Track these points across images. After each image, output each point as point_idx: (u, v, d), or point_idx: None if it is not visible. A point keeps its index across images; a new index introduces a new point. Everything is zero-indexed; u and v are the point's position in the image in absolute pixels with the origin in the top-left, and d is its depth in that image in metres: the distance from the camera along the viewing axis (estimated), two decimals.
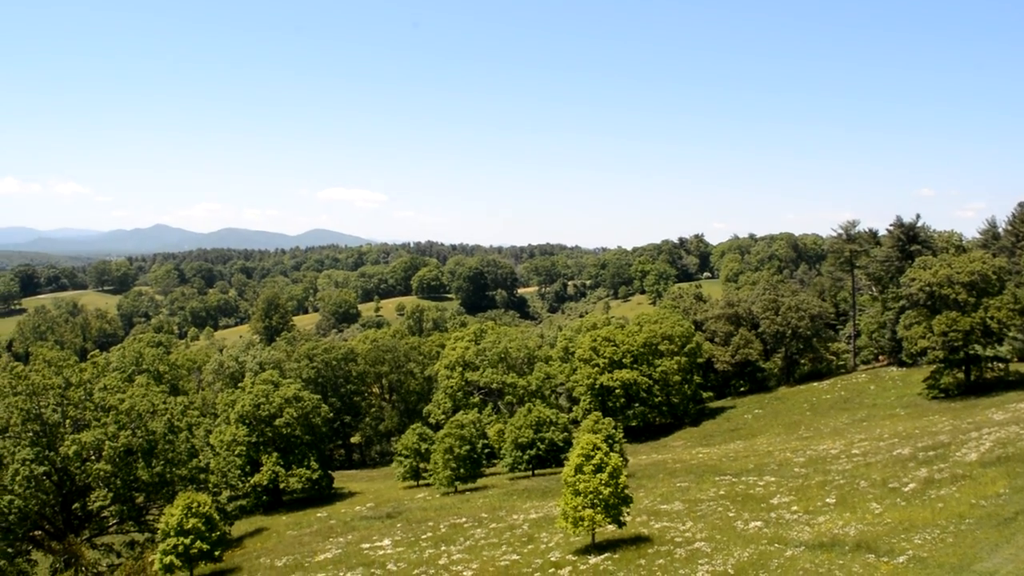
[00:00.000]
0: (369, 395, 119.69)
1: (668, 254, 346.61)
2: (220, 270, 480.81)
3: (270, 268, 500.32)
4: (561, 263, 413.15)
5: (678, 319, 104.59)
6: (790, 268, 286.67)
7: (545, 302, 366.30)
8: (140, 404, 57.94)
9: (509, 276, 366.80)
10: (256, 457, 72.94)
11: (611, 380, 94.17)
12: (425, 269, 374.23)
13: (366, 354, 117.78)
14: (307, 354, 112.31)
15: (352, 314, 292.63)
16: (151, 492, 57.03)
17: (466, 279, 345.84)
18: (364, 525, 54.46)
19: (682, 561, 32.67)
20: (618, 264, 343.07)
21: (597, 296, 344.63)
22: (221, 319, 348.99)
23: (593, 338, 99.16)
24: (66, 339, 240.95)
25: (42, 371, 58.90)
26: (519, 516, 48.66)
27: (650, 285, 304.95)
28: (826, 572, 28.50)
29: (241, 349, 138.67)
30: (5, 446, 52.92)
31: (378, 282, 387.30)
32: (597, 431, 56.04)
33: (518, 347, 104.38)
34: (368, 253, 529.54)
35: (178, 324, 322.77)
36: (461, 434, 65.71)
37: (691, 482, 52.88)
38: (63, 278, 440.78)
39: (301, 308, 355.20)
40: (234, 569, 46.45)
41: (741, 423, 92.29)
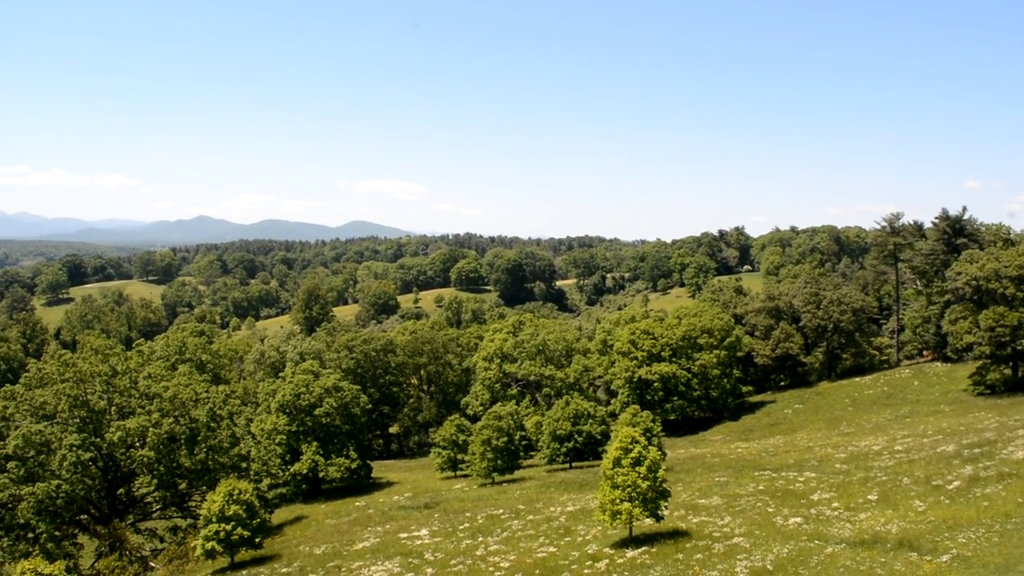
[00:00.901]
0: (407, 386, 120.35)
1: (708, 247, 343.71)
2: (262, 261, 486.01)
3: (310, 259, 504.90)
4: (600, 255, 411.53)
5: (717, 312, 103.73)
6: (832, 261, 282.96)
7: (583, 294, 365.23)
8: (183, 393, 58.89)
9: (547, 268, 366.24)
10: (296, 446, 73.74)
11: (649, 373, 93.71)
12: (464, 261, 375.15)
13: (405, 345, 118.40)
14: (347, 345, 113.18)
15: (391, 305, 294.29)
16: (193, 479, 58.01)
17: (504, 271, 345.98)
18: (402, 515, 54.83)
19: (720, 556, 32.46)
20: (657, 257, 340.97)
21: (636, 289, 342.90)
22: (262, 309, 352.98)
23: (632, 331, 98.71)
24: (112, 328, 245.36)
25: (89, 359, 60.14)
26: (556, 508, 48.67)
27: (689, 278, 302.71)
28: (867, 570, 28.13)
29: (282, 339, 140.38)
30: (53, 432, 54.12)
31: (417, 274, 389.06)
32: (635, 424, 55.82)
33: (556, 339, 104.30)
34: (407, 245, 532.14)
35: (220, 314, 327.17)
36: (499, 426, 65.82)
37: (730, 477, 52.48)
38: (109, 268, 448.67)
39: (341, 299, 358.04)
40: (274, 556, 47.04)
41: (781, 418, 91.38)
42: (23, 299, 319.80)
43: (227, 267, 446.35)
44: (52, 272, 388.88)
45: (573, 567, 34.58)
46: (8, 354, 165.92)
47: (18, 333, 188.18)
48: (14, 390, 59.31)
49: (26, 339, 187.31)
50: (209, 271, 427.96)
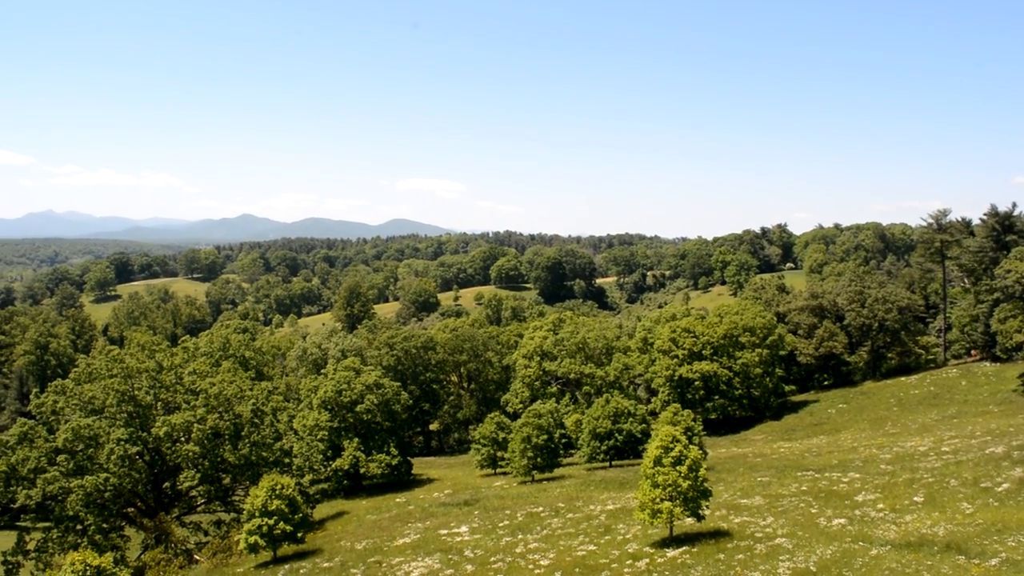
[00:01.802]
0: (448, 383, 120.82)
1: (750, 244, 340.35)
2: (304, 259, 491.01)
3: (352, 257, 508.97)
4: (640, 253, 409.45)
5: (760, 310, 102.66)
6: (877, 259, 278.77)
7: (624, 292, 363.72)
8: (228, 389, 59.72)
9: (587, 266, 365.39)
10: (337, 442, 74.36)
11: (690, 372, 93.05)
12: (504, 259, 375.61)
13: (445, 343, 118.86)
14: (387, 342, 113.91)
15: (432, 303, 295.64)
16: (237, 474, 58.85)
17: (544, 269, 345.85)
18: (442, 511, 55.05)
19: (762, 557, 32.13)
20: (698, 254, 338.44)
21: (676, 287, 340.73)
22: (304, 307, 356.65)
23: (672, 329, 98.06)
24: (158, 324, 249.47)
25: (136, 355, 61.28)
26: (596, 507, 48.53)
27: (731, 276, 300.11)
28: (913, 573, 27.66)
29: (324, 336, 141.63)
30: (101, 426, 55.22)
31: (457, 271, 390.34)
32: (676, 423, 55.45)
33: (596, 337, 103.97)
34: (447, 243, 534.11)
35: (263, 311, 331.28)
36: (539, 423, 65.79)
37: (772, 477, 51.92)
38: (155, 266, 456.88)
39: (382, 297, 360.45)
40: (316, 551, 47.50)
41: (824, 418, 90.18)
42: (72, 296, 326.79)
43: (270, 265, 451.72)
44: (100, 270, 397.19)
45: (613, 566, 34.46)
46: (58, 349, 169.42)
47: (68, 329, 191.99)
48: (64, 384, 60.68)
49: (75, 335, 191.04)
50: (252, 269, 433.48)
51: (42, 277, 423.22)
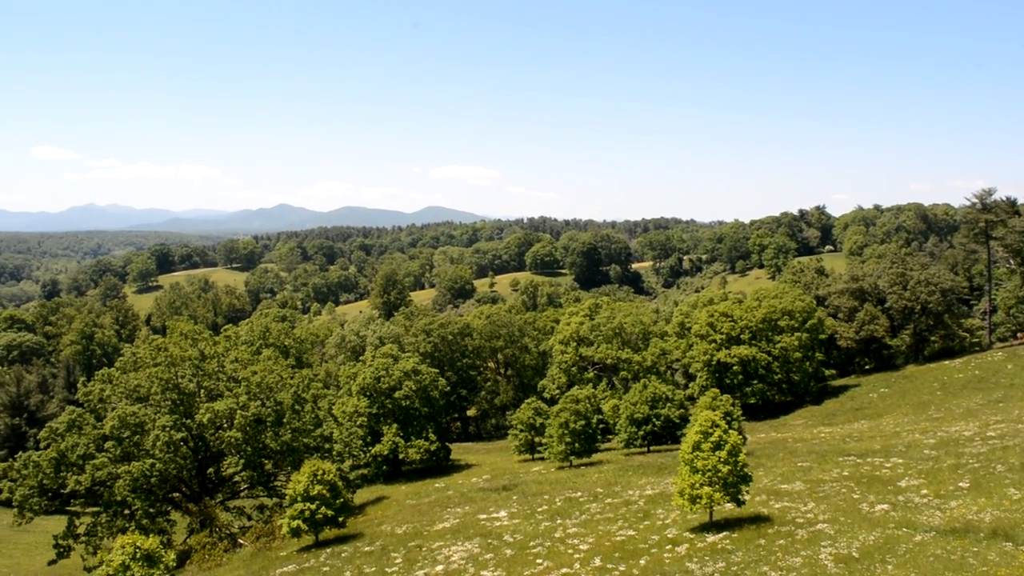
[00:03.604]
0: (485, 369, 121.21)
1: (787, 227, 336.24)
2: (340, 247, 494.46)
3: (388, 245, 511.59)
4: (676, 237, 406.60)
5: (799, 294, 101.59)
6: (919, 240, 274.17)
7: (660, 277, 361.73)
8: (268, 376, 60.51)
9: (623, 251, 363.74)
10: (377, 428, 75.06)
11: (729, 356, 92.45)
12: (539, 245, 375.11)
13: (482, 329, 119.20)
14: (424, 329, 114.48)
15: (467, 290, 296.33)
16: (279, 459, 59.66)
17: (580, 254, 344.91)
18: (481, 496, 55.36)
19: (804, 542, 31.92)
20: (735, 238, 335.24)
21: (713, 271, 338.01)
22: (342, 295, 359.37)
23: (710, 313, 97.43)
24: (199, 314, 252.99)
25: (179, 343, 62.27)
26: (635, 492, 48.51)
27: (769, 259, 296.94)
28: (959, 559, 27.31)
29: (361, 324, 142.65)
30: (147, 413, 56.26)
31: (492, 258, 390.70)
32: (715, 408, 55.17)
33: (633, 322, 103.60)
34: (482, 229, 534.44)
35: (301, 300, 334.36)
36: (576, 409, 65.83)
37: (813, 462, 51.48)
38: (195, 256, 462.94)
39: (418, 284, 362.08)
40: (356, 535, 48.04)
41: (866, 402, 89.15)
42: (115, 287, 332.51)
43: (307, 254, 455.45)
44: (142, 261, 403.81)
45: (653, 551, 34.45)
46: (103, 339, 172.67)
47: (112, 319, 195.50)
48: (110, 373, 61.93)
49: (119, 325, 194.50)
50: (290, 258, 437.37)
51: (86, 269, 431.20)
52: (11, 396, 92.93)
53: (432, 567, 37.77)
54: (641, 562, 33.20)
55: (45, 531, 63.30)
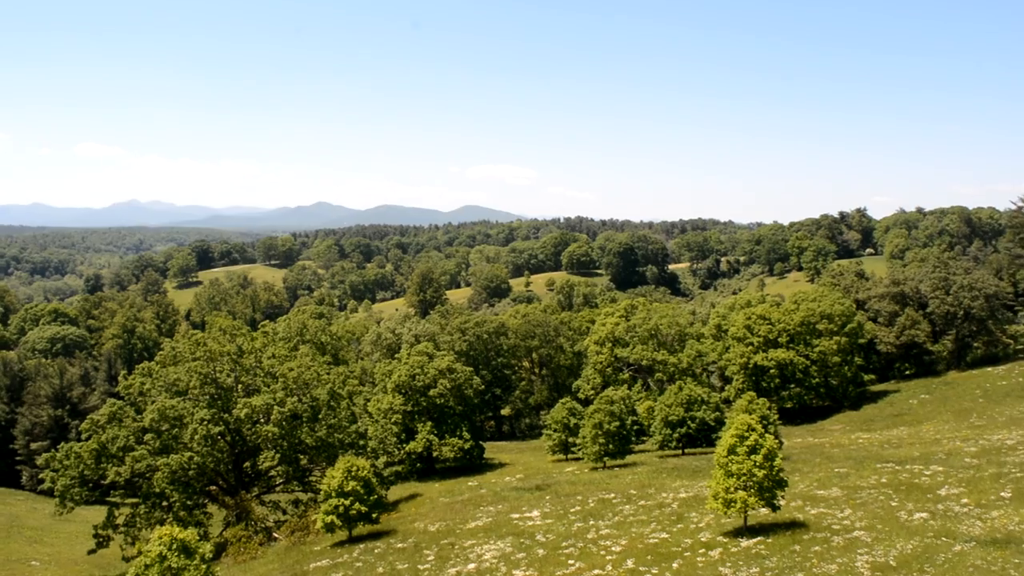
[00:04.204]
0: (519, 369, 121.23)
1: (827, 229, 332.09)
2: (377, 245, 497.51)
3: (424, 243, 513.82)
4: (714, 239, 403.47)
5: (838, 297, 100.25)
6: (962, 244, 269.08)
7: (697, 278, 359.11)
8: (305, 373, 61.10)
9: (660, 252, 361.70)
10: (411, 425, 75.41)
11: (766, 360, 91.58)
12: (575, 245, 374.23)
13: (517, 328, 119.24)
14: (460, 327, 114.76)
15: (503, 289, 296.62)
16: (314, 455, 60.23)
17: (616, 255, 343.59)
18: (514, 496, 55.41)
19: (839, 549, 31.55)
20: (774, 240, 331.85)
21: (751, 273, 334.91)
22: (378, 292, 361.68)
23: (747, 316, 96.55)
24: (237, 310, 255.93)
25: (218, 339, 63.09)
26: (668, 494, 48.25)
27: (808, 262, 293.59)
28: (999, 571, 26.82)
29: (397, 321, 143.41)
30: (185, 407, 57.13)
31: (528, 257, 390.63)
32: (751, 411, 54.71)
33: (669, 324, 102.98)
34: (518, 229, 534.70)
35: (338, 297, 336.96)
36: (611, 410, 65.59)
37: (850, 468, 50.83)
38: (234, 253, 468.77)
39: (454, 282, 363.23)
40: (390, 531, 48.32)
41: (905, 408, 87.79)
42: (156, 282, 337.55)
43: (344, 251, 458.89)
44: (182, 257, 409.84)
45: (686, 554, 34.26)
46: (144, 333, 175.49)
47: (152, 314, 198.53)
48: (150, 367, 62.96)
49: (160, 319, 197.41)
50: (327, 255, 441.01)
51: (128, 264, 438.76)
52: (54, 388, 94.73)
53: (464, 565, 37.89)
54: (674, 565, 33.03)
55: (86, 521, 64.54)
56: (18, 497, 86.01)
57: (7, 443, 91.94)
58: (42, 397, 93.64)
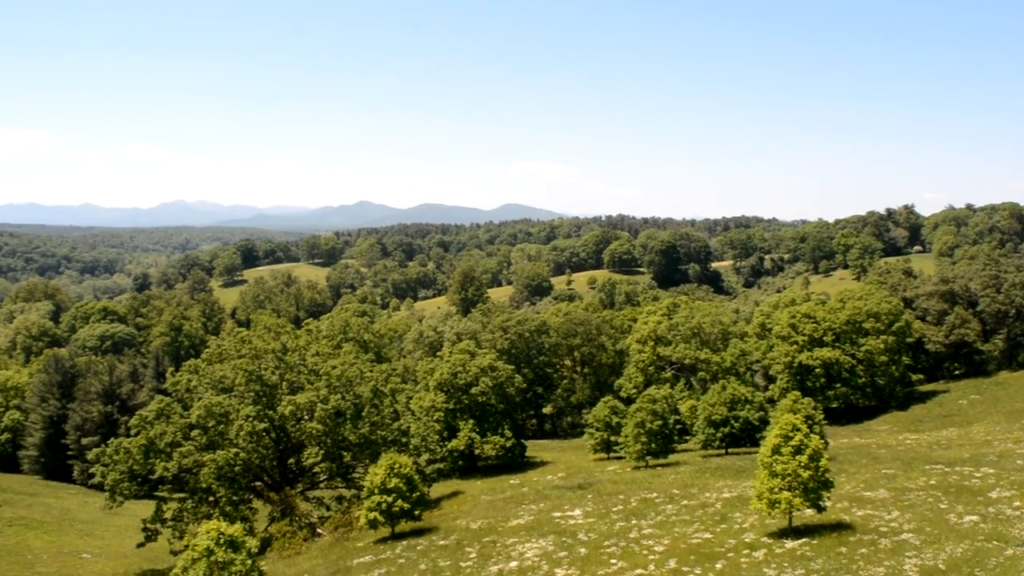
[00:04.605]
0: (561, 367, 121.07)
1: (874, 226, 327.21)
2: (419, 244, 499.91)
3: (465, 242, 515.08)
4: (757, 236, 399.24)
5: (885, 296, 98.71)
6: (1014, 242, 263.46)
7: (740, 276, 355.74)
8: (349, 370, 61.64)
9: (702, 250, 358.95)
10: (453, 423, 75.69)
11: (811, 359, 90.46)
12: (617, 243, 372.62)
13: (558, 327, 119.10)
14: (501, 326, 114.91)
15: (544, 287, 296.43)
16: (357, 452, 60.75)
17: (658, 252, 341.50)
18: (556, 494, 55.35)
19: (887, 552, 31.05)
20: (819, 237, 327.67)
21: (796, 271, 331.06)
22: (420, 291, 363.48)
23: (792, 314, 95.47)
24: (281, 308, 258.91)
25: (262, 336, 63.95)
26: (711, 494, 47.86)
27: (854, 259, 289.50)
28: None
29: (439, 320, 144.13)
30: (231, 403, 57.95)
31: (570, 256, 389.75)
32: (796, 411, 54.06)
33: (712, 322, 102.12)
34: (560, 227, 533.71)
35: (381, 295, 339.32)
36: (653, 409, 65.24)
37: (898, 469, 49.99)
38: (279, 252, 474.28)
39: (495, 281, 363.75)
40: (432, 529, 48.55)
41: (955, 409, 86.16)
42: (203, 281, 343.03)
43: (387, 250, 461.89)
44: (228, 256, 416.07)
45: (729, 555, 33.95)
46: (190, 331, 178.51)
47: (199, 312, 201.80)
48: (197, 364, 63.98)
49: (206, 317, 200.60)
50: (370, 254, 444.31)
51: (175, 263, 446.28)
52: (104, 384, 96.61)
53: (506, 563, 37.94)
54: (717, 566, 32.76)
55: (134, 515, 65.71)
56: (70, 491, 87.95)
57: (59, 438, 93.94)
58: (92, 393, 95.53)
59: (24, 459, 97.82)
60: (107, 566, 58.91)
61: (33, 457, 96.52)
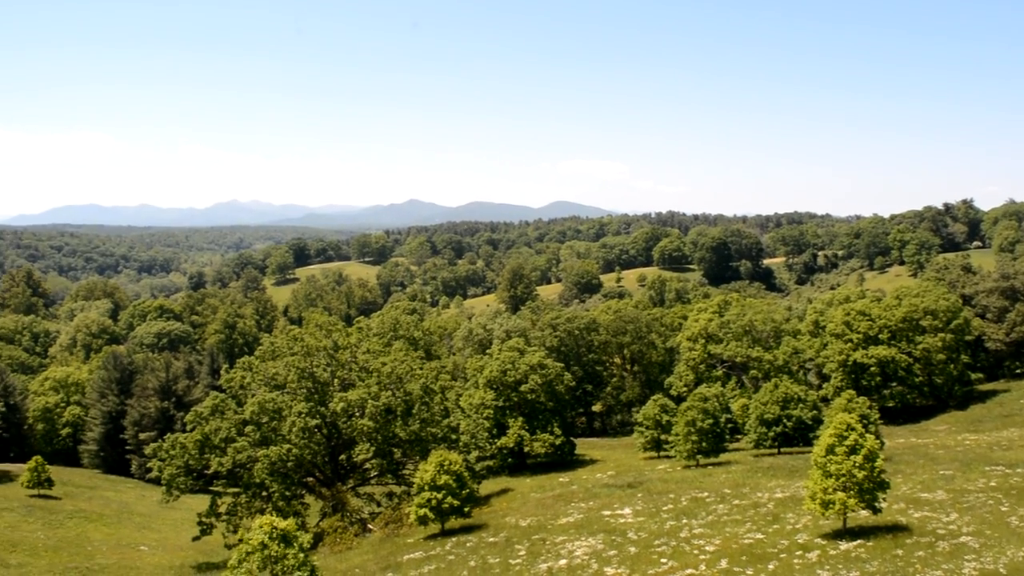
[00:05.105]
0: (610, 365, 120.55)
1: (931, 222, 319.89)
2: (468, 242, 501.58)
3: (514, 239, 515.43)
4: (810, 232, 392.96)
5: (943, 292, 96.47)
6: None
7: (793, 273, 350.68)
8: (399, 367, 62.14)
9: (754, 246, 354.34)
10: (502, 421, 75.81)
11: (866, 357, 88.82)
12: (666, 240, 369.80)
13: (608, 324, 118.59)
14: (551, 323, 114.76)
15: (594, 284, 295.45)
16: (407, 448, 61.20)
17: (709, 249, 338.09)
18: (605, 492, 55.16)
19: (945, 555, 30.36)
20: (874, 233, 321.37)
21: (850, 267, 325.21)
22: (469, 288, 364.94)
23: (846, 312, 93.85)
24: (333, 306, 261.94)
25: (314, 334, 64.76)
26: (763, 494, 47.27)
27: (910, 256, 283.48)
28: None
29: (488, 317, 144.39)
30: (284, 400, 58.81)
31: (619, 253, 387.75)
32: (850, 410, 53.16)
33: (764, 320, 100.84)
34: (609, 224, 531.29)
35: (430, 293, 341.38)
36: (704, 407, 64.63)
37: (956, 471, 48.86)
38: (330, 250, 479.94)
39: (544, 278, 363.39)
40: (481, 526, 48.71)
41: (1016, 409, 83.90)
42: (256, 279, 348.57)
43: (436, 248, 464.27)
44: (280, 255, 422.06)
45: (782, 556, 33.49)
46: (244, 329, 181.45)
47: (252, 310, 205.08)
48: (250, 361, 65.07)
49: (259, 315, 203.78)
50: (420, 252, 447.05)
51: (229, 262, 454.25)
52: (161, 381, 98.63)
53: (555, 561, 37.90)
54: (770, 567, 32.35)
55: (190, 508, 67.03)
56: (128, 484, 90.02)
57: (118, 433, 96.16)
58: (149, 389, 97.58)
59: (84, 453, 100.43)
60: (164, 558, 60.17)
61: (93, 451, 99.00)
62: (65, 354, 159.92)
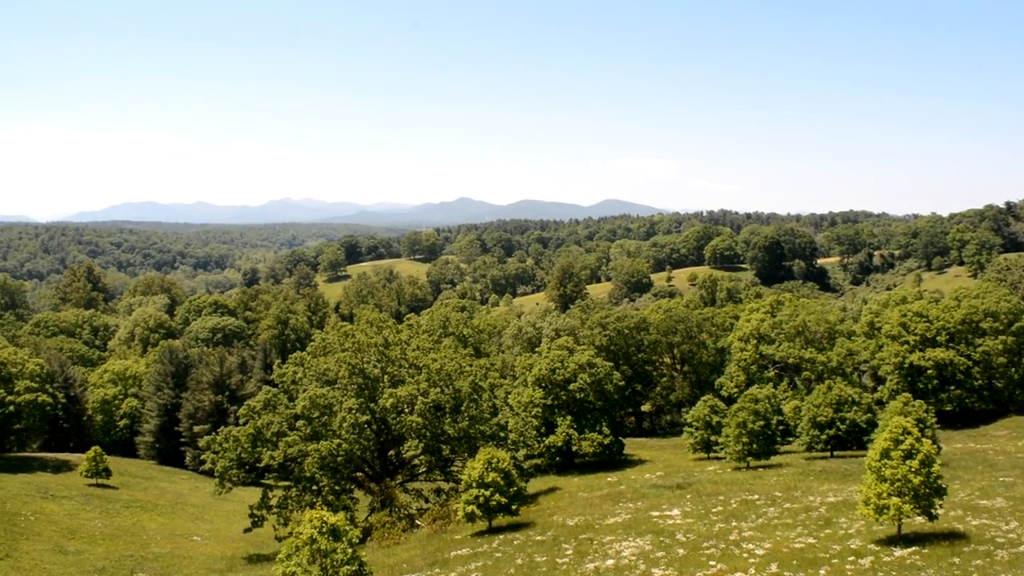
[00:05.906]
0: (660, 365, 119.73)
1: (992, 221, 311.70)
2: (518, 240, 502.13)
3: (564, 238, 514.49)
4: (866, 231, 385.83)
5: (1004, 293, 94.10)
6: None
7: (847, 273, 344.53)
8: (448, 365, 62.41)
9: (807, 245, 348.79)
10: (551, 419, 75.67)
11: (922, 359, 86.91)
12: (718, 239, 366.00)
13: (658, 324, 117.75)
14: (600, 322, 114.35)
15: (644, 283, 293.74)
16: (456, 445, 61.47)
17: (761, 249, 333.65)
18: (654, 493, 54.77)
19: (1004, 564, 29.55)
20: (932, 232, 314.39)
21: (907, 268, 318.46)
22: (519, 286, 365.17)
23: (903, 313, 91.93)
24: (383, 303, 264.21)
25: (365, 330, 65.30)
26: (815, 498, 46.51)
27: (970, 256, 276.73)
28: None
29: (538, 315, 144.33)
30: (335, 396, 59.48)
31: (670, 252, 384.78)
32: (906, 414, 52.05)
33: (817, 320, 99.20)
34: (660, 223, 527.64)
35: (480, 291, 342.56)
36: (755, 408, 63.80)
37: (1017, 477, 47.57)
38: (381, 248, 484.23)
39: (594, 277, 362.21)
40: (529, 523, 48.70)
41: None
42: (308, 276, 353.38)
43: (486, 246, 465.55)
44: (332, 252, 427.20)
45: (834, 561, 32.90)
46: (296, 324, 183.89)
47: (304, 306, 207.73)
48: (302, 357, 65.93)
49: (311, 312, 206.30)
50: (469, 250, 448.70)
51: (282, 259, 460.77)
52: (215, 375, 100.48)
53: (603, 561, 37.73)
54: (821, 572, 31.82)
55: (242, 501, 68.18)
56: (182, 476, 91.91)
57: (173, 425, 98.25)
58: (204, 383, 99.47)
59: (140, 444, 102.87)
60: (216, 549, 61.29)
61: (149, 443, 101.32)
62: (123, 347, 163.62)
